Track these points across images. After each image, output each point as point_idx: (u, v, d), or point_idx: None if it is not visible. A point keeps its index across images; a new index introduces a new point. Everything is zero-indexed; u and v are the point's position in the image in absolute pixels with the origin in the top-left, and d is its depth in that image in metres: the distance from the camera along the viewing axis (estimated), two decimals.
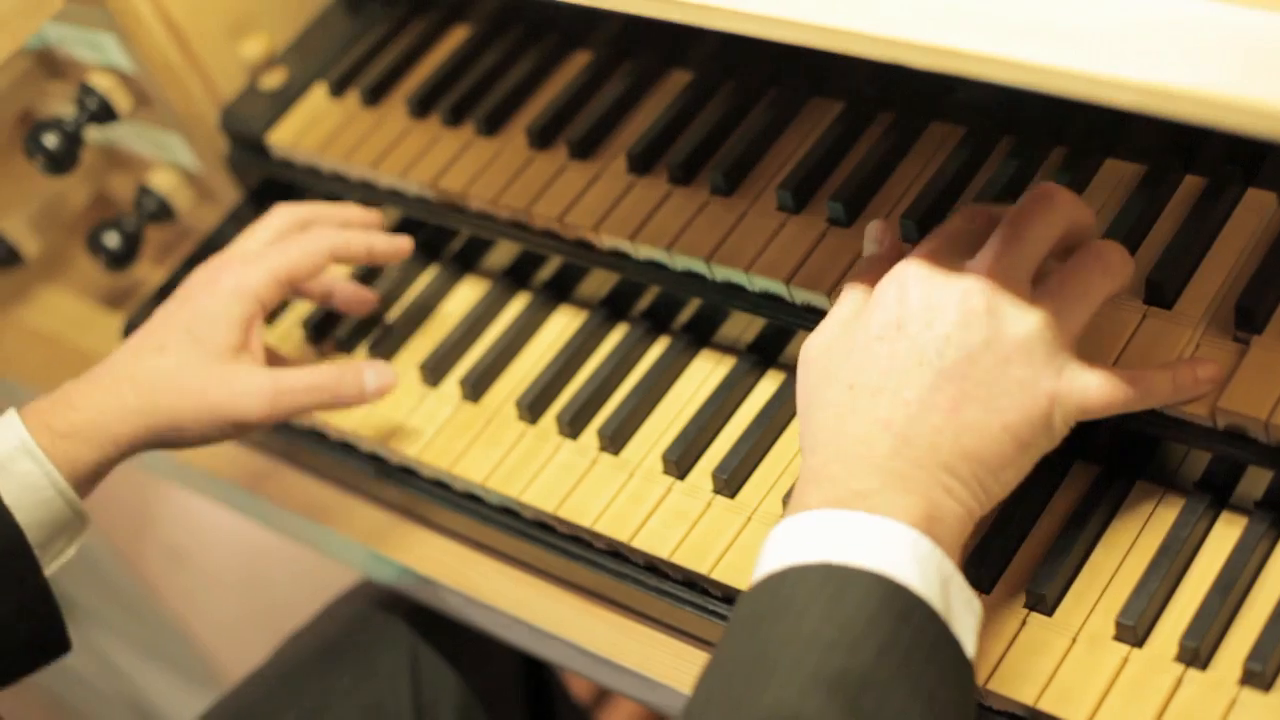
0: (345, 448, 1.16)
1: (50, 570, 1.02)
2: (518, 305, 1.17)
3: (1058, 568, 0.88)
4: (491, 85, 1.21)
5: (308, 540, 1.22)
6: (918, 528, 0.77)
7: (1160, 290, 0.90)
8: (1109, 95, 0.71)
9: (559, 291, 1.15)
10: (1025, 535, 0.90)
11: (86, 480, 1.02)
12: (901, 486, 0.78)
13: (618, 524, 1.01)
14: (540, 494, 1.05)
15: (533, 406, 1.09)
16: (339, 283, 1.14)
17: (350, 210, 1.15)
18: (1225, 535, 0.87)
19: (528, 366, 1.12)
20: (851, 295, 0.87)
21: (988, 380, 0.80)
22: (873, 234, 0.91)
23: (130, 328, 1.29)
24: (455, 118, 1.21)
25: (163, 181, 1.36)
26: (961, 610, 0.77)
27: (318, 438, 1.16)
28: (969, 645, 0.77)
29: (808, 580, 0.76)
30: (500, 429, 1.09)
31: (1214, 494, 0.88)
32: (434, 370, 1.14)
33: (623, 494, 1.02)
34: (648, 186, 1.10)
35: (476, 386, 1.12)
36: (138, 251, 1.34)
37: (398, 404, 1.14)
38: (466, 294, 1.19)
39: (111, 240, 1.33)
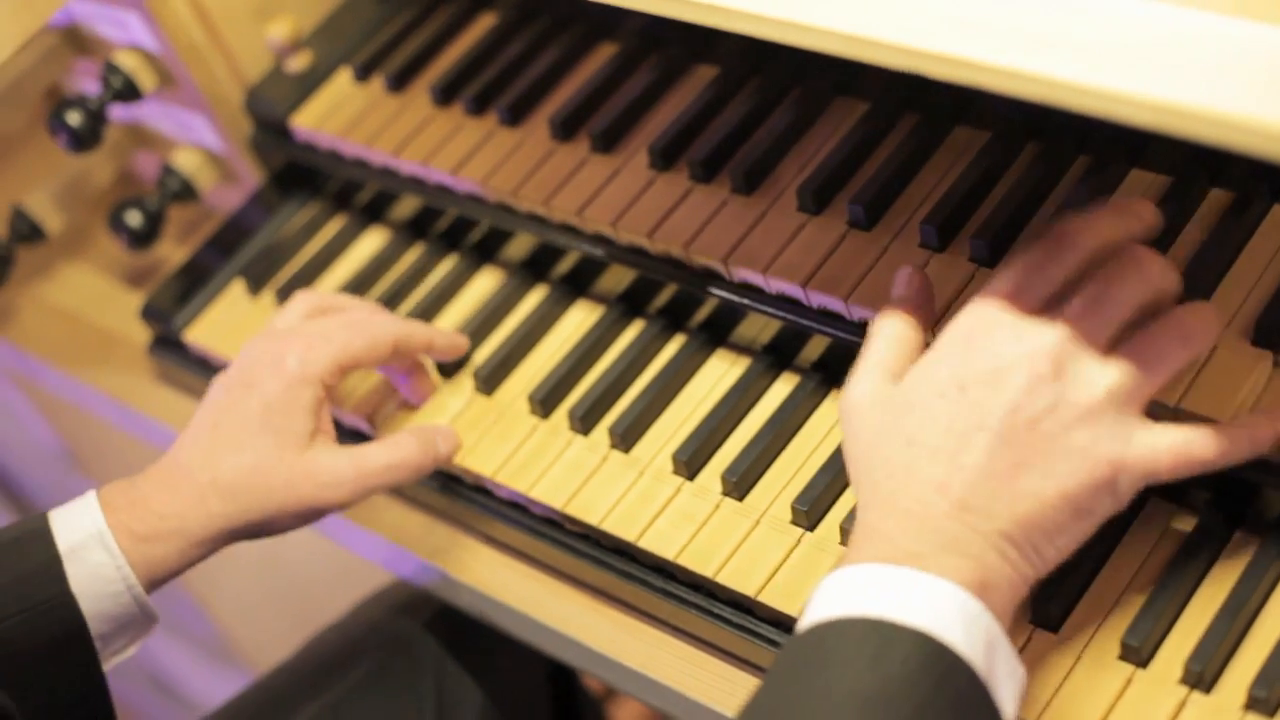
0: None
1: (110, 666, 1.01)
2: (535, 298, 1.16)
3: (1065, 585, 0.87)
4: (516, 75, 1.21)
5: (323, 529, 1.22)
6: (971, 589, 0.76)
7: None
8: (1125, 113, 0.70)
9: (576, 285, 1.15)
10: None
11: (161, 581, 1.01)
12: (956, 550, 0.77)
13: (625, 523, 1.00)
14: (549, 490, 1.04)
15: (545, 401, 1.08)
16: (439, 334, 1.11)
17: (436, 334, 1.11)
18: (1237, 557, 0.86)
19: (542, 360, 1.12)
20: (883, 336, 0.85)
21: (1048, 447, 0.78)
22: (901, 279, 0.89)
23: (149, 309, 1.29)
24: (478, 107, 1.20)
25: (186, 161, 1.35)
26: (1005, 676, 0.76)
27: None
28: (1009, 711, 0.76)
29: (852, 633, 0.75)
30: (512, 423, 1.09)
31: (1227, 514, 0.87)
32: (448, 361, 1.13)
33: (631, 493, 1.02)
34: (668, 183, 1.09)
35: (490, 380, 1.11)
36: (159, 231, 1.34)
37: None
38: (484, 284, 1.19)
39: (133, 219, 1.33)
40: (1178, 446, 0.78)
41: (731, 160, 1.08)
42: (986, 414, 0.78)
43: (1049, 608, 0.86)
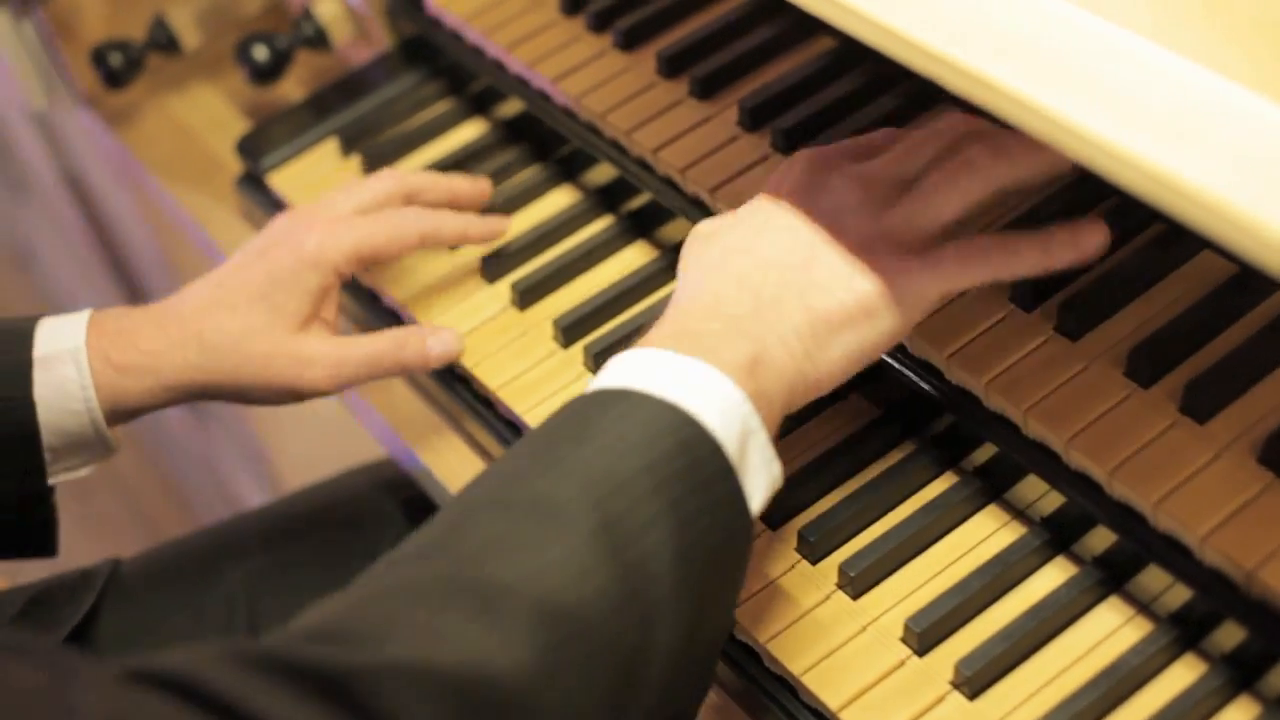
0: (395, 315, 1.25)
1: (58, 479, 1.19)
2: (598, 226, 1.26)
3: (876, 556, 1.07)
4: (645, 1, 1.26)
5: (359, 414, 1.31)
6: (740, 373, 0.92)
7: (1071, 319, 1.03)
8: (973, 91, 0.84)
9: (640, 225, 1.28)
10: (873, 521, 1.05)
11: (125, 414, 1.20)
12: (736, 331, 0.95)
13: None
14: (540, 418, 1.11)
15: (568, 331, 1.33)
16: (473, 224, 1.29)
17: (457, 182, 1.34)
18: (1050, 578, 1.05)
19: (583, 290, 1.26)
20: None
21: (844, 245, 0.95)
22: None
23: (244, 144, 1.40)
24: (600, 24, 1.31)
25: (326, 10, 1.51)
26: (757, 466, 0.93)
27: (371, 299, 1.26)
28: (755, 500, 0.93)
29: (610, 400, 0.92)
30: (533, 343, 1.34)
31: (1056, 535, 1.06)
32: (492, 269, 1.22)
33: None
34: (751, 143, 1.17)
35: (526, 295, 1.39)
36: (283, 71, 1.51)
37: (450, 292, 1.21)
38: (559, 200, 1.25)
39: (260, 54, 1.50)
40: (962, 253, 0.93)
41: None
42: (795, 218, 0.96)
43: (854, 573, 0.98)
